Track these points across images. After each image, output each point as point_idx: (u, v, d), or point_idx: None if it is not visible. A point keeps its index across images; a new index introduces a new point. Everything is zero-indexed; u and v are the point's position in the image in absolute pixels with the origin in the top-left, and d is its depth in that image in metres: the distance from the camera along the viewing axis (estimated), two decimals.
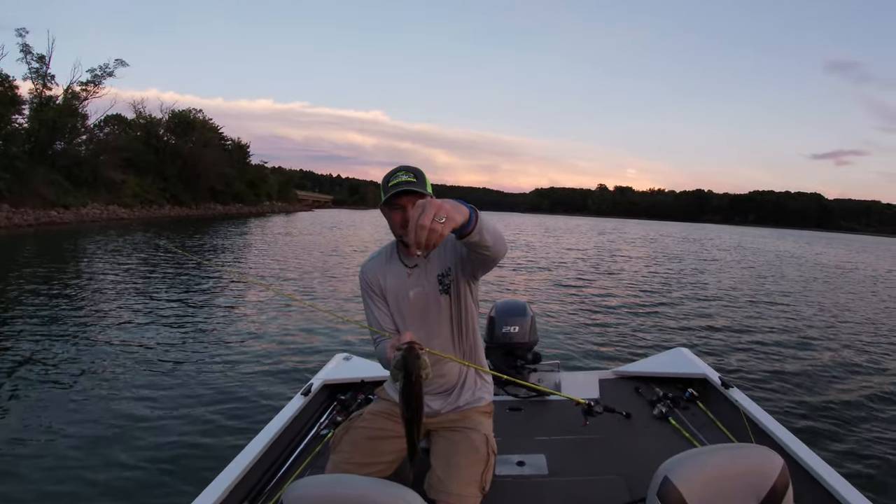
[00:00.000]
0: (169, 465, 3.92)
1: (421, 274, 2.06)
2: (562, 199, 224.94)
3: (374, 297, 2.12)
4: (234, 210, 55.72)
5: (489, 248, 1.67)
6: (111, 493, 3.58)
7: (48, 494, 3.56)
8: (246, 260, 16.53)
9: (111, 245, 19.51)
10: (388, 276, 2.10)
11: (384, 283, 2.10)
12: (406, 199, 1.91)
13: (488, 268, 1.90)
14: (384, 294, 2.11)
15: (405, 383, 1.48)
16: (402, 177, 1.93)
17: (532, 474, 2.38)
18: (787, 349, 8.17)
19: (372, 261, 2.17)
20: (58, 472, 3.81)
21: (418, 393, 1.51)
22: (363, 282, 2.15)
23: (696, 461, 1.37)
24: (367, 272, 2.15)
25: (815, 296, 14.70)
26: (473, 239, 1.57)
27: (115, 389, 5.36)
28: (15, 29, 33.31)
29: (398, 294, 2.09)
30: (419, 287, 2.06)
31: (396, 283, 2.08)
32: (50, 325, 7.78)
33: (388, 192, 1.92)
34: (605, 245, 31.88)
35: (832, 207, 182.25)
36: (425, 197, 1.90)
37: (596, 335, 8.72)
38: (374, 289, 2.12)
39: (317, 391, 3.10)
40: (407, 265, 2.08)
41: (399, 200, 1.92)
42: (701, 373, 3.24)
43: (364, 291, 2.16)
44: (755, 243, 44.26)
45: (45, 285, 10.73)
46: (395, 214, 1.95)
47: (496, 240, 1.67)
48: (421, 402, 1.54)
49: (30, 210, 27.14)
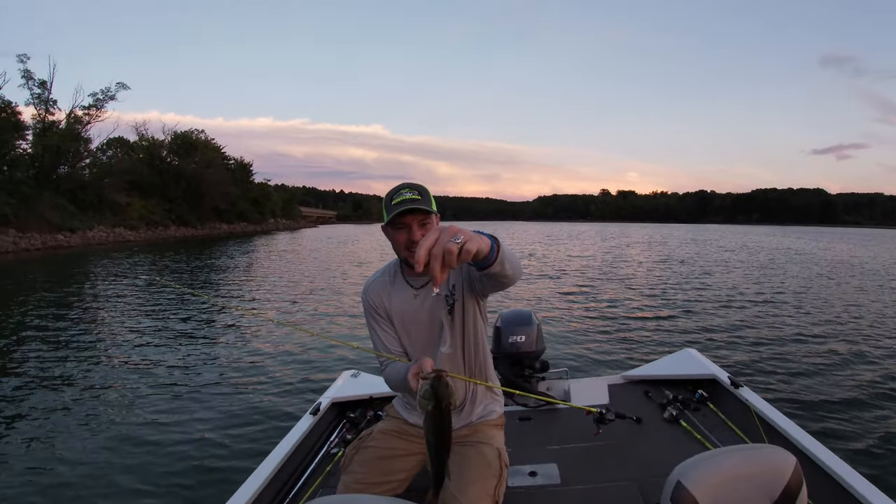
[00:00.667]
0: (180, 490, 3.91)
1: (428, 294, 1.99)
2: (565, 205, 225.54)
3: (380, 319, 2.06)
4: (239, 229, 56.03)
5: (507, 277, 1.61)
6: None
7: None
8: (252, 281, 16.36)
9: (117, 268, 19.58)
10: (394, 297, 2.03)
11: (389, 305, 2.04)
12: (411, 217, 1.85)
13: (502, 290, 1.84)
14: (390, 316, 2.05)
15: (436, 413, 1.43)
16: (407, 194, 1.85)
17: (545, 484, 2.37)
18: (795, 346, 8.11)
19: (375, 282, 2.09)
20: (66, 497, 3.81)
21: (449, 421, 1.47)
22: (367, 304, 2.08)
23: (708, 464, 1.38)
24: (371, 294, 2.07)
25: (820, 291, 14.60)
26: (495, 270, 1.48)
27: (123, 414, 5.36)
28: (16, 55, 33.86)
29: (405, 316, 2.02)
30: (427, 308, 1.99)
31: (403, 306, 2.02)
32: (57, 349, 7.78)
33: (391, 211, 1.84)
34: (608, 250, 31.78)
35: (835, 202, 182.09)
36: (431, 215, 1.87)
37: (603, 340, 8.68)
38: (380, 311, 2.05)
39: (326, 409, 3.08)
40: (413, 286, 2.01)
41: (404, 219, 1.85)
42: (710, 373, 3.24)
43: (368, 314, 2.09)
44: (759, 242, 44.03)
45: (51, 310, 10.76)
46: (399, 234, 1.88)
47: (514, 267, 1.61)
48: (451, 430, 1.51)
49: (36, 234, 27.35)
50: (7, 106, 28.40)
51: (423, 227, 1.86)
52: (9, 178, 26.16)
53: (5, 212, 24.92)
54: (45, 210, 28.98)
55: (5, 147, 27.21)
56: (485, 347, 2.09)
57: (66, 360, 7.19)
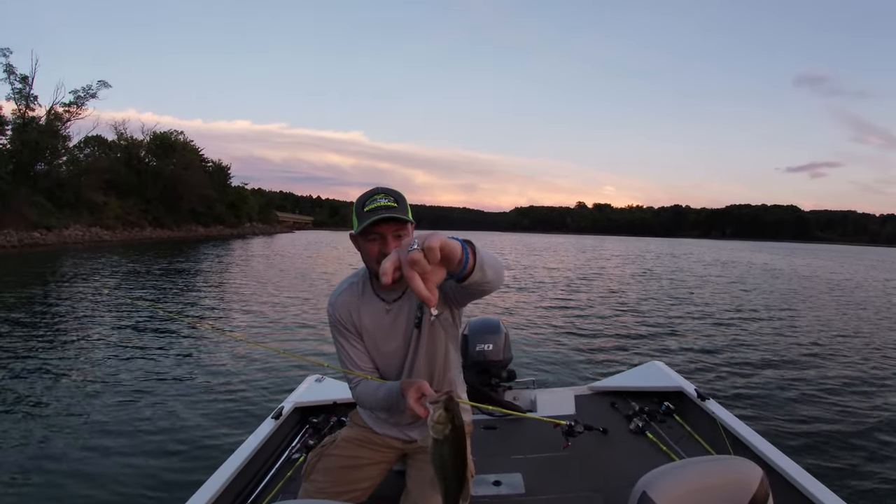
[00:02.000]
0: (136, 495, 3.80)
1: (402, 309, 1.86)
2: (541, 217, 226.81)
3: (348, 335, 1.90)
4: (215, 232, 55.51)
5: (489, 283, 1.40)
6: None
7: None
8: (224, 287, 16.11)
9: (91, 269, 19.34)
10: (364, 312, 1.88)
11: (359, 320, 1.88)
12: (386, 227, 1.67)
13: (483, 296, 1.66)
14: (359, 332, 1.89)
15: (454, 436, 1.35)
16: (382, 201, 1.68)
17: (509, 493, 2.34)
18: (762, 360, 8.22)
19: (342, 295, 1.92)
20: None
21: (465, 442, 1.39)
22: (334, 319, 1.91)
23: (674, 475, 1.36)
24: (339, 309, 1.90)
25: (789, 307, 14.87)
26: (475, 278, 1.26)
27: (77, 417, 5.20)
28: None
29: (376, 332, 1.88)
30: (399, 323, 1.87)
31: (374, 321, 1.87)
32: (17, 352, 7.53)
33: (364, 219, 1.66)
34: (581, 262, 32.06)
35: (808, 219, 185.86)
36: (407, 225, 1.70)
37: (571, 351, 8.68)
38: (348, 326, 1.89)
39: (288, 414, 3.00)
40: (385, 300, 1.87)
41: (377, 228, 1.67)
42: (677, 385, 3.23)
43: (335, 329, 1.92)
44: (732, 256, 44.77)
45: (17, 309, 10.64)
46: (371, 245, 1.70)
47: (496, 271, 1.38)
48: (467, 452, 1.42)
49: (13, 231, 27.08)
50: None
51: (398, 239, 1.69)
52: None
53: None
54: (21, 206, 28.66)
55: None
56: (456, 361, 2.01)
57: (20, 365, 6.95)
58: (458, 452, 1.35)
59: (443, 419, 1.32)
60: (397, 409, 1.82)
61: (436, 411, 1.33)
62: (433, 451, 1.34)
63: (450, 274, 1.18)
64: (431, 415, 1.33)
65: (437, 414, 1.32)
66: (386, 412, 1.99)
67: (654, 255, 43.02)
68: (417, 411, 1.50)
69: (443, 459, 1.35)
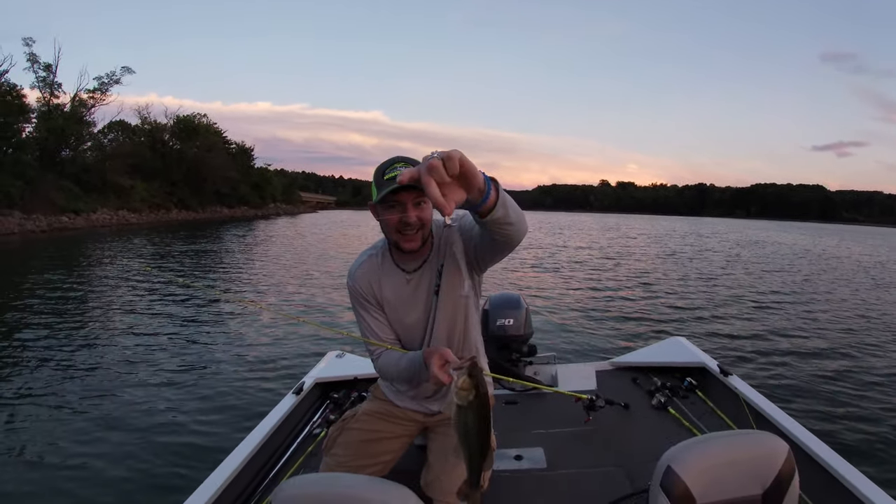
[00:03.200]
0: (160, 468, 3.90)
1: (423, 279, 1.85)
2: (564, 195, 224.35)
3: (369, 306, 1.89)
4: (239, 213, 56.06)
5: (512, 225, 1.36)
6: (101, 493, 3.60)
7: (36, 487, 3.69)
8: (249, 265, 16.48)
9: (120, 250, 19.73)
10: (385, 284, 1.87)
11: (379, 292, 1.87)
12: (406, 195, 1.64)
13: (506, 252, 1.62)
14: (380, 303, 1.88)
15: (478, 402, 1.34)
16: (401, 169, 1.61)
17: (531, 468, 2.34)
18: (788, 340, 8.13)
19: (361, 267, 1.90)
20: (48, 467, 3.92)
21: (489, 408, 1.39)
22: (354, 291, 1.89)
23: (699, 449, 1.34)
24: (359, 280, 1.88)
25: (814, 284, 14.75)
26: (498, 214, 1.27)
27: (105, 393, 5.39)
28: (22, 38, 33.89)
29: (397, 303, 1.87)
30: (420, 293, 1.85)
31: (395, 291, 1.86)
32: (53, 327, 7.91)
33: (383, 188, 1.62)
34: (605, 242, 31.71)
35: (834, 199, 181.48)
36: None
37: (592, 327, 8.69)
38: (369, 298, 1.88)
39: (309, 389, 3.03)
40: (405, 270, 1.85)
41: (397, 197, 1.64)
42: (699, 361, 3.20)
43: (356, 301, 1.90)
44: (760, 236, 43.99)
45: (45, 290, 10.95)
46: (391, 214, 1.68)
47: (518, 214, 1.37)
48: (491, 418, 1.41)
49: (41, 216, 27.57)
50: (13, 89, 28.55)
51: (419, 208, 1.68)
52: (15, 160, 26.31)
53: (11, 193, 25.12)
54: (49, 192, 29.18)
55: (10, 130, 27.34)
56: (477, 328, 2.00)
57: (56, 339, 7.32)
58: (481, 419, 1.35)
59: (467, 385, 1.33)
60: (420, 379, 1.81)
61: (459, 377, 1.34)
62: (457, 419, 1.35)
63: (471, 206, 1.23)
64: (455, 381, 1.35)
65: (461, 380, 1.34)
66: (408, 383, 1.96)
67: (680, 235, 42.13)
68: (441, 378, 1.50)
69: (466, 426, 1.35)
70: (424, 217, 1.70)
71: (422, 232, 1.72)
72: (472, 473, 1.46)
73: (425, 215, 1.70)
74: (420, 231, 1.72)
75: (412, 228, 1.69)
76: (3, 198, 24.92)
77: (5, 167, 25.61)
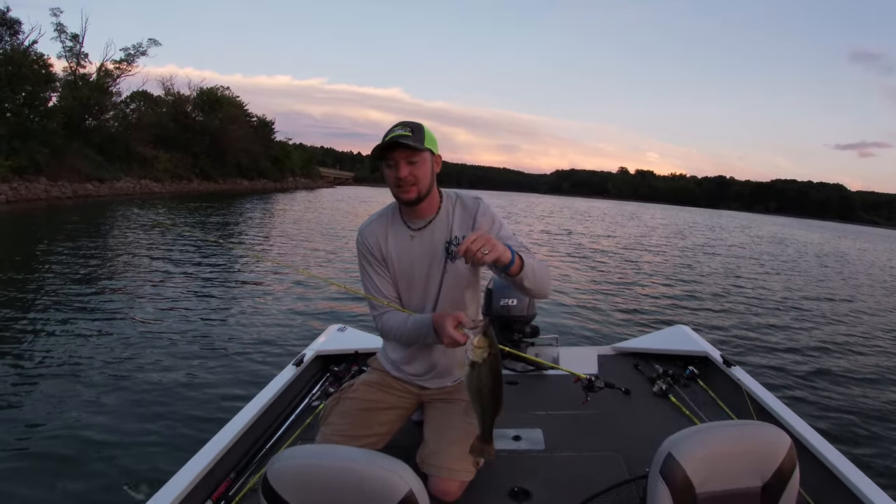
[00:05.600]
0: (155, 435, 3.93)
1: (426, 238, 1.95)
2: (582, 181, 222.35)
3: (374, 262, 1.99)
4: (259, 186, 56.30)
5: (529, 291, 1.77)
6: (94, 458, 3.64)
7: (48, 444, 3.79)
8: (272, 234, 16.89)
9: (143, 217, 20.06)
10: (391, 239, 1.98)
11: (385, 247, 1.97)
12: (399, 153, 1.81)
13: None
14: (385, 259, 1.98)
15: (493, 359, 1.46)
16: (398, 131, 1.81)
17: (529, 449, 2.34)
18: (790, 330, 8.21)
19: (371, 224, 2.03)
20: (54, 426, 4.01)
21: (500, 367, 1.51)
22: (362, 246, 2.01)
23: (700, 437, 1.32)
24: (367, 236, 2.00)
25: (828, 283, 14.66)
26: (517, 280, 1.69)
27: (107, 359, 5.45)
28: (49, 8, 33.90)
29: (401, 258, 1.97)
30: (424, 251, 1.95)
31: (399, 247, 1.97)
32: (52, 296, 7.98)
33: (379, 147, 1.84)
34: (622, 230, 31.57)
35: (854, 199, 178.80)
36: (421, 153, 1.84)
37: (596, 312, 8.70)
38: (375, 253, 1.98)
39: (309, 362, 3.03)
40: (411, 227, 1.97)
41: (392, 154, 1.82)
42: (702, 350, 3.20)
43: (362, 256, 2.02)
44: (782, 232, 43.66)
45: (73, 256, 11.12)
46: (389, 171, 1.85)
47: (540, 287, 1.78)
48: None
49: (67, 183, 27.87)
50: (39, 58, 28.66)
51: (412, 165, 1.84)
52: (42, 129, 26.53)
53: (38, 160, 25.38)
54: (74, 160, 29.44)
55: (38, 98, 27.55)
56: (478, 303, 2.12)
57: (55, 305, 7.41)
58: (494, 376, 1.47)
59: (483, 343, 1.45)
60: (425, 340, 1.89)
61: (475, 336, 1.47)
62: (470, 377, 1.47)
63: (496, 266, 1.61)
64: (471, 339, 1.48)
65: (477, 339, 1.46)
66: (411, 345, 2.03)
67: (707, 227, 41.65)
68: (456, 338, 1.61)
69: (480, 383, 1.47)
70: (418, 174, 1.86)
71: (417, 187, 1.87)
72: (485, 429, 1.58)
73: (419, 172, 1.86)
74: (416, 186, 1.86)
75: (407, 183, 1.85)
76: (31, 164, 25.13)
77: (33, 134, 25.75)
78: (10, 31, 31.12)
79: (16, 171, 24.23)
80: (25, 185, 24.71)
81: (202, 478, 1.92)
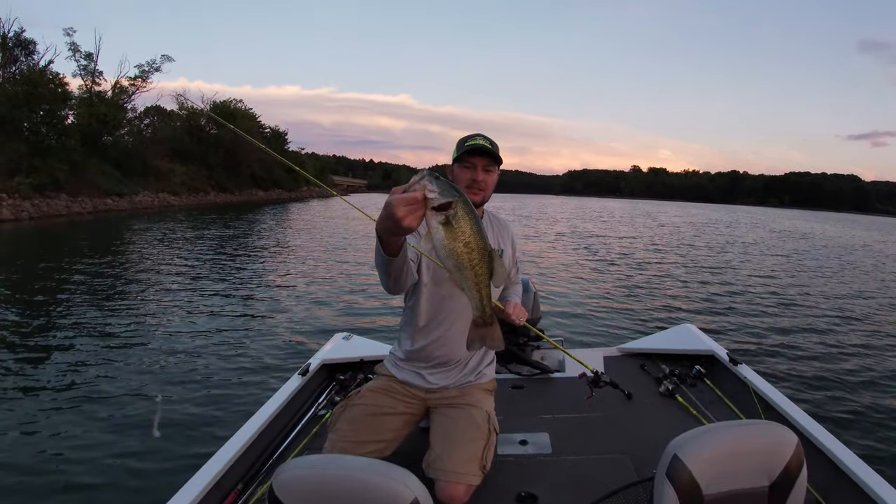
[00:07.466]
0: (164, 445, 3.92)
1: None
2: (595, 181, 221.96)
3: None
4: (274, 196, 56.89)
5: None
6: (102, 469, 3.67)
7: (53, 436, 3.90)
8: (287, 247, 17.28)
9: (161, 231, 20.26)
10: None
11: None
12: (479, 159, 2.00)
13: None
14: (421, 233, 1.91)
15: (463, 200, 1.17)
16: (481, 140, 2.01)
17: (536, 453, 2.33)
18: (797, 327, 8.13)
19: None
20: (66, 437, 4.08)
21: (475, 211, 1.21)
22: None
23: (706, 438, 1.31)
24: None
25: (838, 279, 14.37)
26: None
27: (116, 367, 5.57)
28: (63, 28, 34.41)
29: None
30: None
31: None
32: (74, 301, 8.29)
33: (462, 149, 2.00)
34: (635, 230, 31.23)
35: (868, 189, 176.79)
36: (496, 165, 2.06)
37: (600, 314, 8.66)
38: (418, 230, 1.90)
39: (315, 371, 3.03)
40: None
41: (472, 159, 2.01)
42: (708, 349, 3.20)
43: None
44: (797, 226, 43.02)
45: (92, 268, 11.42)
46: (465, 172, 2.02)
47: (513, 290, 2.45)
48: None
49: (87, 199, 28.27)
50: (56, 77, 29.12)
51: (487, 173, 2.04)
52: (61, 146, 26.93)
53: (58, 177, 25.76)
54: (93, 176, 29.87)
55: (56, 117, 27.98)
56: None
57: (72, 313, 7.69)
58: (476, 221, 1.19)
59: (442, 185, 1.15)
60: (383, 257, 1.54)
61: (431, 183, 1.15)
62: (445, 242, 1.19)
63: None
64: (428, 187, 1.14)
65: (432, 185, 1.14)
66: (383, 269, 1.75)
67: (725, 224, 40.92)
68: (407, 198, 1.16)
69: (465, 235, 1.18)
70: (489, 181, 2.07)
71: (483, 193, 2.06)
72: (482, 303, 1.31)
73: (489, 180, 2.07)
74: (483, 192, 2.06)
75: (478, 186, 2.04)
76: (51, 182, 25.48)
77: (52, 152, 26.15)
78: (25, 52, 31.83)
79: (37, 189, 24.60)
80: (47, 202, 25.07)
81: (210, 489, 1.94)
